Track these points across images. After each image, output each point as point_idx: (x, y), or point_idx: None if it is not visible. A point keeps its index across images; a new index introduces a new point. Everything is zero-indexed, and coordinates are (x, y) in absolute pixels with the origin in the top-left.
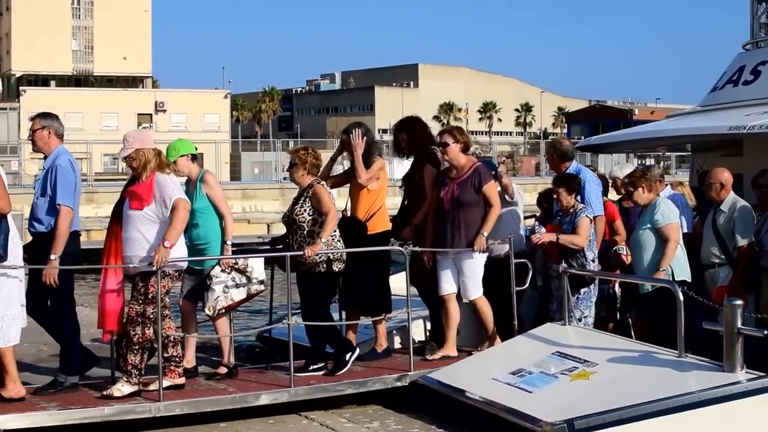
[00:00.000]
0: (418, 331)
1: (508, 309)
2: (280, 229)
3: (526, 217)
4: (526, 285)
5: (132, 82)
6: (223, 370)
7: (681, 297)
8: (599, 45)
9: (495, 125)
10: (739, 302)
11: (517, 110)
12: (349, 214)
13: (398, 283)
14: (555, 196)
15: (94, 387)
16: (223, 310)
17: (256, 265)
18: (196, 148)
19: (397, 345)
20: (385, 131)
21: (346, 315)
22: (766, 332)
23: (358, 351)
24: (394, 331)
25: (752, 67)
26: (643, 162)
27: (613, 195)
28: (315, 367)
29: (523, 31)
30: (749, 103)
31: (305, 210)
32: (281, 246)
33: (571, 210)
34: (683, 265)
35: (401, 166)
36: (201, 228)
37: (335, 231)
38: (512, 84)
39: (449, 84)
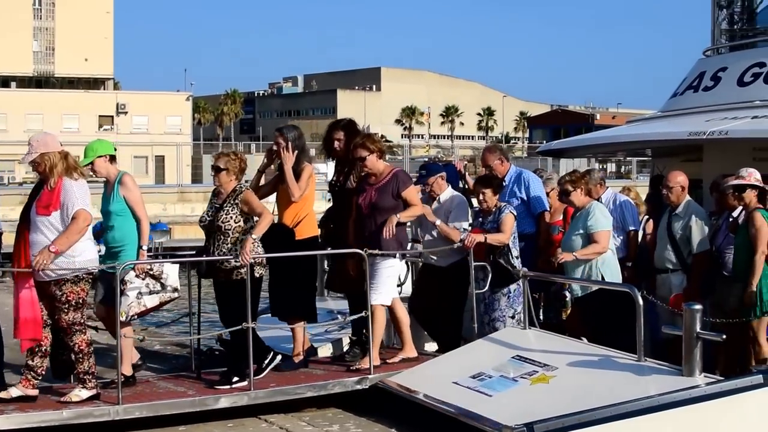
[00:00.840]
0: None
1: (460, 314)
2: None
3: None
4: (486, 288)
5: (93, 83)
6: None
7: (641, 302)
8: (561, 50)
9: (457, 129)
10: (698, 307)
11: (479, 114)
12: (276, 220)
13: None
14: (480, 196)
15: (55, 392)
16: (136, 317)
17: (171, 272)
18: (116, 149)
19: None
20: None
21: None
22: (724, 336)
23: (279, 358)
24: (351, 337)
25: (712, 73)
26: (604, 167)
27: None
28: (237, 379)
29: (486, 36)
30: (709, 109)
31: (232, 217)
32: (195, 252)
33: (494, 209)
34: (614, 270)
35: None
36: (117, 231)
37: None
38: (475, 88)
39: (412, 88)
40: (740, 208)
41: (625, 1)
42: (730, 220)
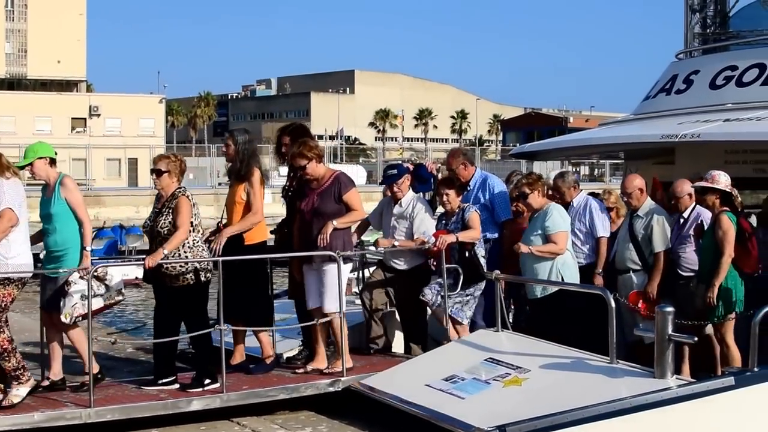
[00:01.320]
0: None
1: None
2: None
3: None
4: (457, 290)
5: (66, 85)
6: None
7: (613, 305)
8: (535, 53)
9: (431, 132)
10: (670, 309)
11: (452, 117)
12: (224, 225)
13: None
14: (443, 197)
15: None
16: (80, 318)
17: (116, 275)
18: (56, 153)
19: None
20: (320, 137)
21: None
22: (696, 339)
23: (217, 385)
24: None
25: (685, 76)
26: (577, 169)
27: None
28: (207, 381)
29: (460, 39)
30: (681, 112)
31: (169, 221)
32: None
33: (458, 210)
34: (573, 272)
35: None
36: (58, 234)
37: (200, 241)
38: (448, 91)
39: (385, 90)
40: (690, 208)
41: (598, 5)
42: (683, 221)
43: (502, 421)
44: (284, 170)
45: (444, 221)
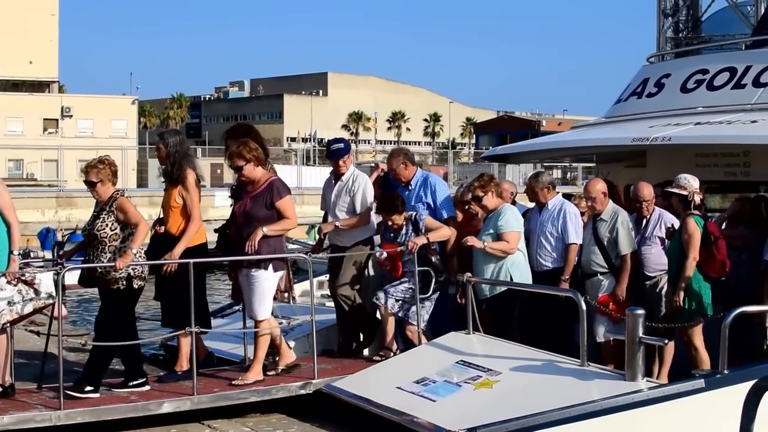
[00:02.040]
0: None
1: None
2: None
3: None
4: (429, 293)
5: (38, 86)
6: None
7: (584, 307)
8: (508, 57)
9: (404, 135)
10: (641, 311)
11: (425, 120)
12: (162, 229)
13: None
14: (389, 222)
15: None
16: (8, 325)
17: (45, 278)
18: None
19: (301, 353)
20: (293, 140)
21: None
22: (666, 341)
23: (147, 388)
24: (294, 342)
25: (656, 79)
26: (551, 172)
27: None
28: (135, 383)
29: (433, 42)
30: (653, 115)
31: (107, 224)
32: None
33: (403, 222)
34: (524, 272)
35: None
36: None
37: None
38: (421, 94)
39: (358, 93)
40: (652, 211)
41: (571, 9)
42: (645, 223)
43: (473, 423)
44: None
45: (392, 234)
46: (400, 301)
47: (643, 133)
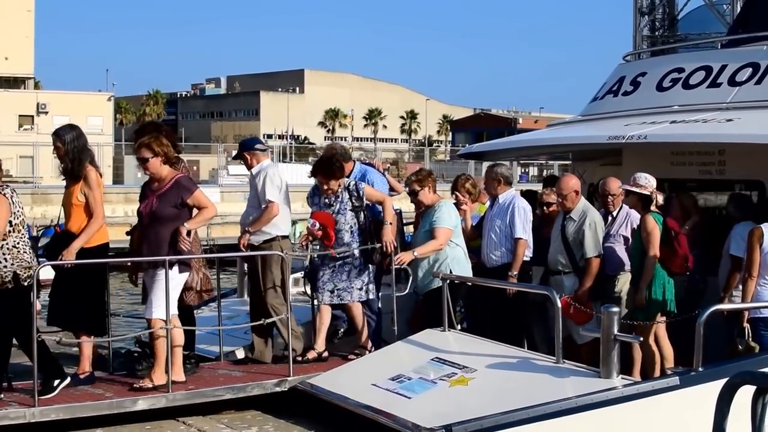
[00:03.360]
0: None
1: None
2: None
3: (406, 224)
4: (407, 291)
5: (13, 82)
6: None
7: (559, 305)
8: (485, 54)
9: (380, 132)
10: (615, 309)
11: (402, 117)
12: (62, 227)
13: None
14: (323, 187)
15: None
16: None
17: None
18: None
19: (278, 351)
20: (270, 137)
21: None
22: (641, 339)
23: (68, 380)
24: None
25: (632, 78)
26: (526, 170)
27: None
28: (57, 382)
29: (410, 39)
30: (628, 114)
31: None
32: None
33: (339, 189)
34: (465, 268)
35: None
36: None
37: (21, 242)
38: (398, 91)
39: (335, 90)
40: (619, 208)
41: (548, 8)
42: (611, 220)
43: (448, 420)
44: (233, 169)
45: (325, 200)
46: (333, 288)
47: (618, 131)
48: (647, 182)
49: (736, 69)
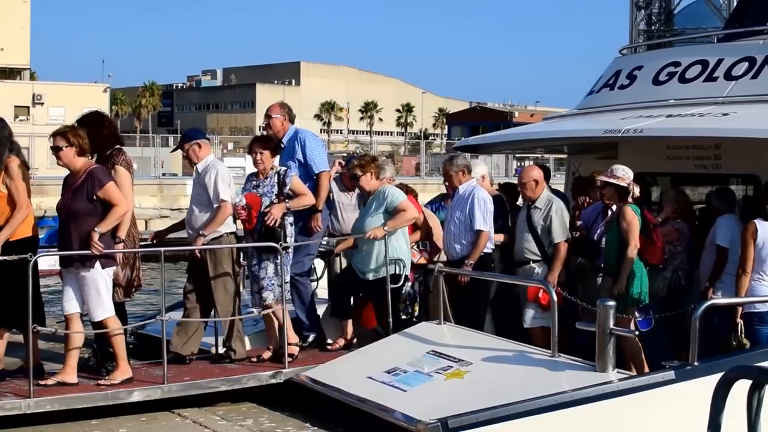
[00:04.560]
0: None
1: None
2: (158, 226)
3: None
4: (400, 283)
5: (9, 73)
6: None
7: (555, 297)
8: (481, 48)
9: (376, 125)
10: (612, 303)
11: (398, 110)
12: None
13: None
14: (256, 155)
15: None
16: None
17: None
18: None
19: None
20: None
21: None
22: (638, 333)
23: None
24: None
25: (628, 71)
26: (522, 164)
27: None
28: None
29: (406, 32)
30: (625, 107)
31: None
32: None
33: (271, 172)
34: (405, 251)
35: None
36: None
37: None
38: (394, 84)
39: (331, 83)
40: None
41: (545, 1)
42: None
43: (443, 413)
44: (229, 161)
45: (254, 182)
46: (268, 286)
47: (614, 124)
48: (624, 174)
49: (733, 63)
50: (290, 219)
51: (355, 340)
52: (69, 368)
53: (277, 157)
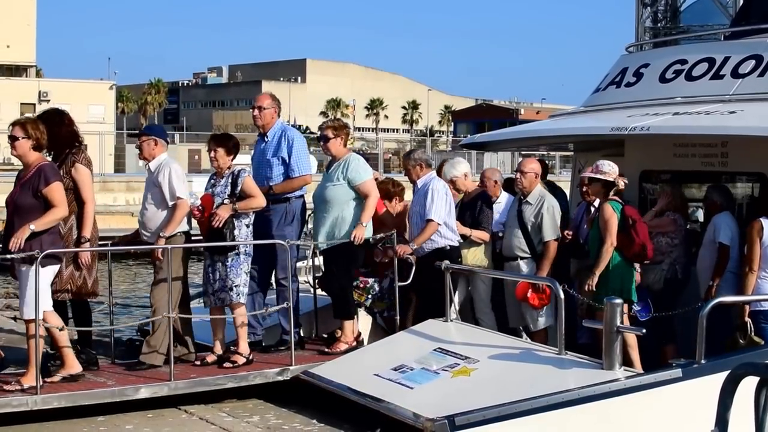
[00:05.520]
0: None
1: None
2: None
3: None
4: (409, 281)
5: (15, 71)
6: None
7: (562, 295)
8: (487, 45)
9: (382, 122)
10: (619, 301)
11: (404, 108)
12: None
13: None
14: (211, 153)
15: None
16: None
17: None
18: None
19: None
20: None
21: None
22: (644, 330)
23: None
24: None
25: (635, 69)
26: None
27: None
28: None
29: (412, 30)
30: (631, 105)
31: None
32: None
33: (227, 172)
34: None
35: None
36: None
37: None
38: (400, 81)
39: (337, 80)
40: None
41: None
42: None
43: (450, 411)
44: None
45: (212, 182)
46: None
47: (621, 122)
48: (611, 169)
49: (739, 61)
50: (246, 221)
51: (361, 337)
52: (69, 361)
53: (235, 156)
